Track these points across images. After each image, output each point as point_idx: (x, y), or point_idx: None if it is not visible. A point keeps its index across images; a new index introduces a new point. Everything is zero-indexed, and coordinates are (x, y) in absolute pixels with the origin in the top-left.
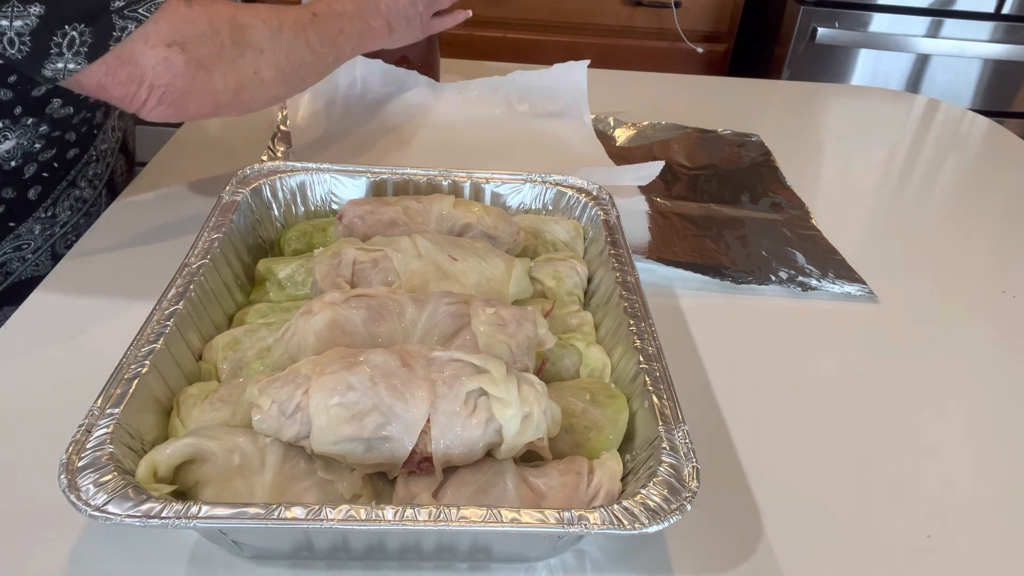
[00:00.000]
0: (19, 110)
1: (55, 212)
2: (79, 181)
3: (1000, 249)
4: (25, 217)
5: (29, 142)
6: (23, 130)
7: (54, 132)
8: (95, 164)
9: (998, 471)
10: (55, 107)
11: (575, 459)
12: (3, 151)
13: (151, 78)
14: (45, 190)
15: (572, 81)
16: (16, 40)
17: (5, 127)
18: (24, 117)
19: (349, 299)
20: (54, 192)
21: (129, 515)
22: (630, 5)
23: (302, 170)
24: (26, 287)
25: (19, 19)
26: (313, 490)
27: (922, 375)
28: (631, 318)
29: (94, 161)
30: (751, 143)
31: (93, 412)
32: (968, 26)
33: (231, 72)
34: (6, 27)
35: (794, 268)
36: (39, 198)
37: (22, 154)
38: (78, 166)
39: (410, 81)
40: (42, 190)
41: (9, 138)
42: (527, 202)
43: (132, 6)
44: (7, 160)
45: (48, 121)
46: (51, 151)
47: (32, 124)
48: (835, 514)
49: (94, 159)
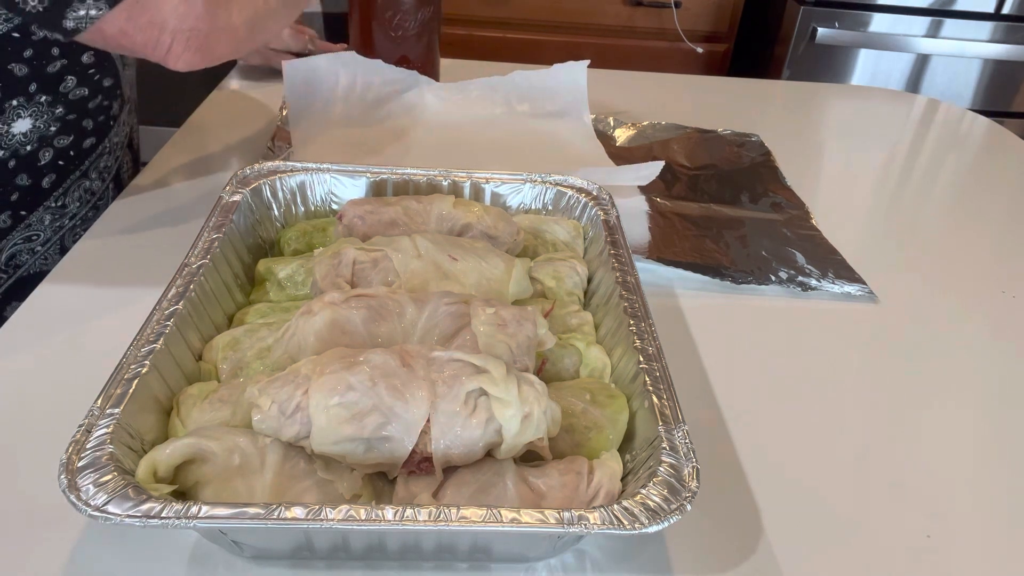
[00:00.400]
0: (34, 87)
1: (65, 202)
2: (91, 172)
3: (1000, 249)
4: (36, 206)
5: (45, 125)
6: (37, 109)
7: (69, 115)
8: (107, 156)
9: (998, 471)
10: (70, 86)
11: (575, 459)
12: (19, 133)
13: (173, 23)
14: (59, 178)
15: (572, 81)
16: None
17: (19, 104)
18: (39, 95)
19: (349, 299)
20: (66, 181)
21: (129, 515)
22: (630, 5)
23: (302, 170)
24: (32, 282)
25: None
26: (313, 490)
27: (922, 375)
28: (631, 318)
29: (107, 153)
30: (751, 143)
31: (93, 412)
32: (968, 26)
33: (247, 4)
34: None
35: (794, 268)
36: (52, 186)
37: (38, 138)
38: (92, 156)
39: (410, 81)
40: (56, 178)
41: (23, 116)
42: (527, 202)
43: None
44: (23, 144)
45: (64, 103)
46: (67, 137)
47: (47, 104)
48: (835, 514)
49: (107, 151)
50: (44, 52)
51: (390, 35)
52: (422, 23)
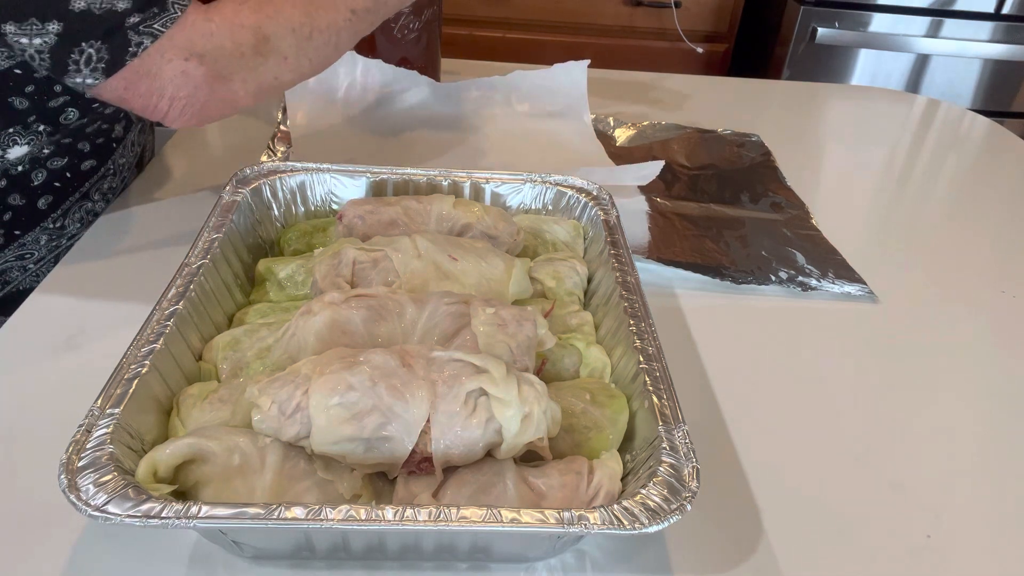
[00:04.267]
0: (33, 118)
1: (64, 223)
2: (93, 194)
3: (1000, 249)
4: (33, 226)
5: (38, 148)
6: (34, 136)
7: (64, 139)
8: (111, 178)
9: (998, 471)
10: (71, 118)
11: (575, 459)
12: (12, 158)
13: (171, 91)
14: (56, 200)
15: (572, 81)
16: (37, 56)
17: (16, 132)
18: (37, 124)
19: (349, 299)
20: (65, 203)
21: (129, 515)
22: (630, 5)
23: (302, 170)
24: (22, 297)
25: (38, 36)
26: (313, 490)
27: (922, 375)
28: (631, 318)
29: (111, 175)
30: (751, 143)
31: (93, 412)
32: (968, 26)
33: (251, 79)
34: (27, 44)
35: (794, 268)
36: (49, 208)
37: (30, 159)
38: (94, 179)
39: (410, 81)
40: (53, 200)
41: (20, 143)
42: (527, 202)
43: (148, 22)
44: (15, 165)
45: (61, 130)
46: (62, 159)
47: (46, 133)
48: (835, 514)
49: (111, 172)
50: (47, 89)
51: (391, 37)
52: (423, 25)
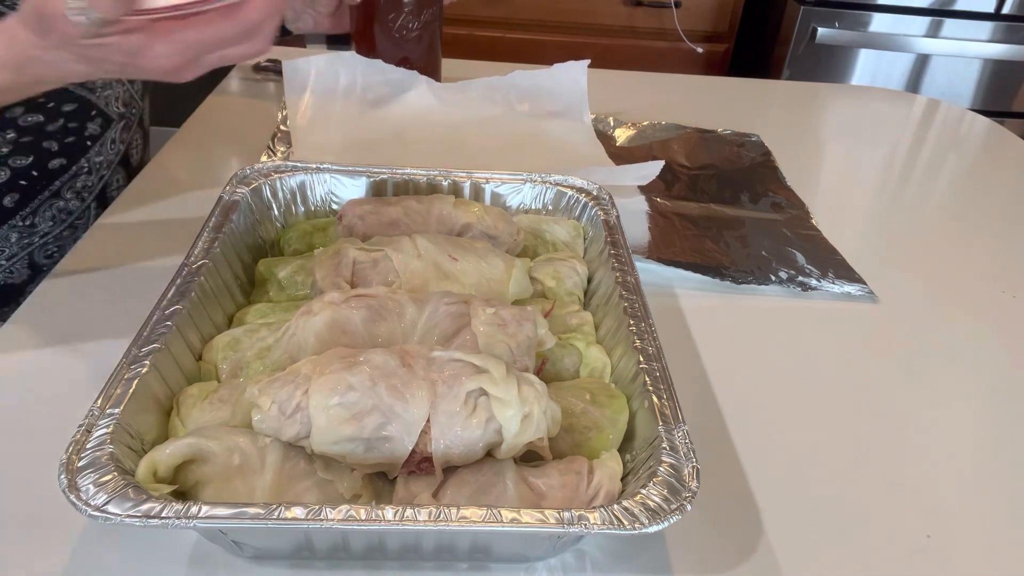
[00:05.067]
0: None
1: (35, 222)
2: (64, 192)
3: (1000, 249)
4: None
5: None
6: None
7: (23, 138)
8: (86, 176)
9: (998, 471)
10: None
11: (575, 459)
12: None
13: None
14: (23, 198)
15: (572, 81)
16: None
17: None
18: None
19: (349, 299)
20: (34, 202)
21: (129, 515)
22: (630, 5)
23: (302, 170)
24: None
25: None
26: (313, 490)
27: (922, 375)
28: (631, 318)
29: (85, 173)
30: (751, 143)
31: (93, 412)
32: (968, 26)
33: None
34: None
35: (794, 268)
36: (16, 206)
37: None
38: (64, 177)
39: (410, 81)
40: (19, 198)
41: None
42: (527, 202)
43: None
44: None
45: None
46: (25, 158)
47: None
48: (835, 514)
49: (85, 171)
50: None
51: (392, 37)
52: (423, 25)
